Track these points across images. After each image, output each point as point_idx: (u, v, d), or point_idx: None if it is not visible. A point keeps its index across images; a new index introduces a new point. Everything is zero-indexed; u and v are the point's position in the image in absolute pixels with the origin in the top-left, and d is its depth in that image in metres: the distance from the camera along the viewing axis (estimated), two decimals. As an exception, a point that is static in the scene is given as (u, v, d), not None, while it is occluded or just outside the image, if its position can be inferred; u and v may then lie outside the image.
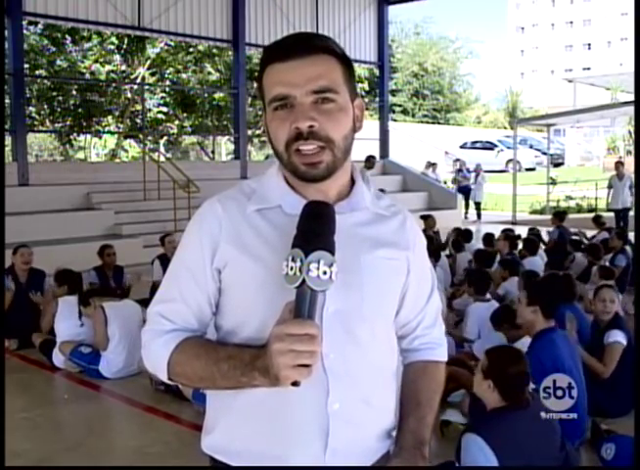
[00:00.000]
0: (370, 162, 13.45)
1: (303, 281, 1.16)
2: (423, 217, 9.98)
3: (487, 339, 4.72)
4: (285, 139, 1.31)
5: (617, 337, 4.34)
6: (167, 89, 24.43)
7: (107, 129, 23.83)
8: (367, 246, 1.39)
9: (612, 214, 13.41)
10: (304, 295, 1.17)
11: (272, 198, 1.39)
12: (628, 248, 8.02)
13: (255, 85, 1.36)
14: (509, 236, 8.02)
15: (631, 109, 15.13)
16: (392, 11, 18.78)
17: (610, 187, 13.86)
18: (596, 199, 15.81)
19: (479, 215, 17.15)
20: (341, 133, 1.32)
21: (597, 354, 4.43)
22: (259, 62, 1.37)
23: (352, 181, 1.44)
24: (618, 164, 14.12)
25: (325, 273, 1.16)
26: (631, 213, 13.17)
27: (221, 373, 1.29)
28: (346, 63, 1.36)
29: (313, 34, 1.36)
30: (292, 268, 1.17)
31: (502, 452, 2.74)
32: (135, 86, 22.50)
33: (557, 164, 27.34)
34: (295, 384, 1.16)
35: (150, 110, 23.73)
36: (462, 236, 8.98)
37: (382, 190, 13.43)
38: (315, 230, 1.20)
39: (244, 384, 1.27)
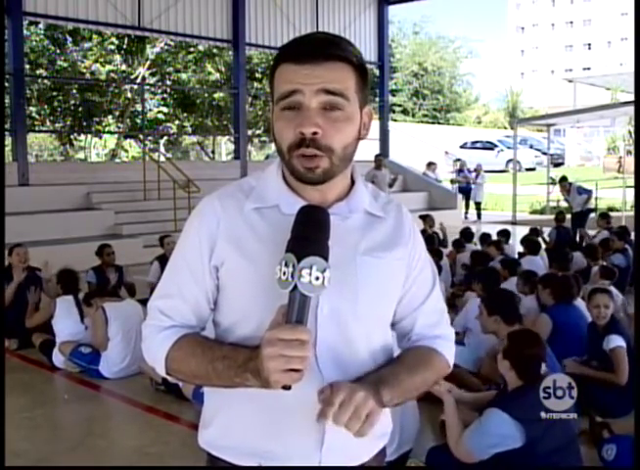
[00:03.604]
0: (378, 161, 13.26)
1: (295, 286, 1.17)
2: (422, 217, 10.00)
3: (479, 339, 4.73)
4: (289, 142, 1.31)
5: (618, 342, 4.33)
6: (167, 89, 24.44)
7: (107, 129, 23.83)
8: (363, 247, 1.39)
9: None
10: (296, 300, 1.18)
11: (270, 197, 1.39)
12: (629, 248, 8.01)
13: (267, 80, 1.32)
14: (493, 242, 8.12)
15: (631, 109, 15.10)
16: (391, 10, 18.76)
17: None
18: (596, 199, 15.82)
19: (479, 215, 17.16)
20: (342, 143, 1.32)
21: (595, 357, 4.45)
22: (275, 57, 1.36)
23: (352, 181, 1.44)
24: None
25: (317, 279, 1.17)
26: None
27: (216, 373, 1.31)
28: (362, 71, 1.35)
29: (332, 39, 1.33)
30: (284, 273, 1.18)
31: (525, 424, 2.95)
32: (135, 86, 22.50)
33: (557, 164, 27.33)
34: (285, 387, 1.18)
35: (150, 110, 23.75)
36: (464, 236, 9.00)
37: (395, 178, 13.32)
38: (308, 236, 1.21)
39: (237, 384, 1.29)
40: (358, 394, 1.22)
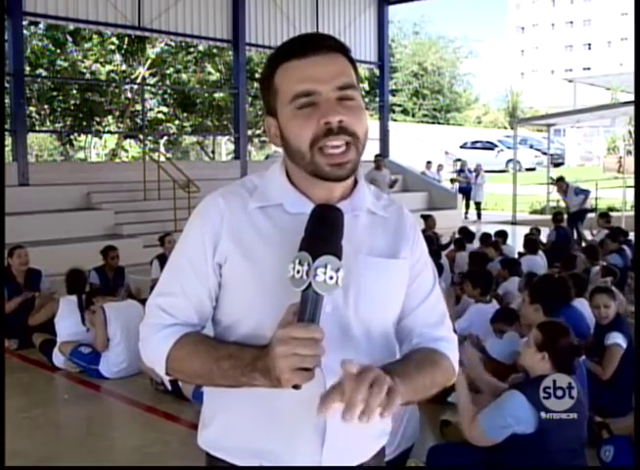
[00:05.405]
0: (377, 162, 13.18)
1: (309, 285, 1.17)
2: (423, 217, 9.98)
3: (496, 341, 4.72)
4: (311, 136, 1.28)
5: (617, 339, 4.33)
6: (167, 89, 24.44)
7: (107, 129, 23.83)
8: (366, 246, 1.39)
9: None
10: (310, 298, 1.17)
11: (274, 196, 1.38)
12: (627, 248, 8.00)
13: (259, 86, 1.27)
14: (491, 243, 8.12)
15: (631, 109, 15.11)
16: (391, 10, 18.76)
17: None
18: (596, 199, 15.87)
19: (479, 215, 17.17)
20: (363, 129, 1.33)
21: (596, 353, 4.44)
22: (268, 61, 1.35)
23: (355, 180, 1.44)
24: None
25: (331, 278, 1.17)
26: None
27: (220, 372, 1.29)
28: (354, 64, 1.38)
29: (325, 34, 1.37)
30: (298, 271, 1.17)
31: (541, 410, 2.91)
32: (135, 86, 22.51)
33: (557, 164, 27.34)
34: (295, 387, 1.17)
35: (150, 110, 23.74)
36: (465, 236, 9.01)
37: (395, 180, 13.29)
38: (324, 235, 1.20)
39: (243, 383, 1.27)
40: (373, 370, 1.17)
